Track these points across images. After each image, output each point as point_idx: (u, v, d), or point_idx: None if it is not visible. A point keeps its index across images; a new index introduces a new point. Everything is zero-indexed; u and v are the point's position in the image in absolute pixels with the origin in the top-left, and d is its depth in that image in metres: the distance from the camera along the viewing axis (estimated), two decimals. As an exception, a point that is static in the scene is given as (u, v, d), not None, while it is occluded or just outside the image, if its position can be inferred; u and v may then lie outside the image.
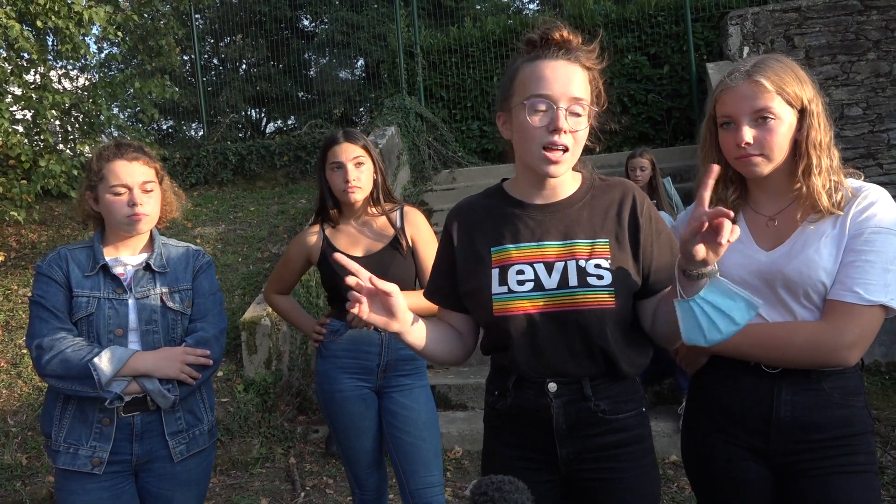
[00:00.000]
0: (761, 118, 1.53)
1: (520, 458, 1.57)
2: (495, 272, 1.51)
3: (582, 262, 1.47)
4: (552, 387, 1.49)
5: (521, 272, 1.49)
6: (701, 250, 1.26)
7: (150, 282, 2.11)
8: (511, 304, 1.48)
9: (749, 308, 1.32)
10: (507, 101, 1.50)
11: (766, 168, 1.56)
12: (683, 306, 1.33)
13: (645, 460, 1.57)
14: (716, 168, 1.32)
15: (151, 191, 2.12)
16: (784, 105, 1.53)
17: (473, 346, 1.68)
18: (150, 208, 2.11)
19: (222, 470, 4.28)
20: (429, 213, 6.59)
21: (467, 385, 4.62)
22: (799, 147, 1.55)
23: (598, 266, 1.47)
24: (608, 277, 1.46)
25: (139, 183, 2.08)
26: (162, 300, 2.10)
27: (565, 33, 1.45)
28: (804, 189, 1.54)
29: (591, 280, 1.45)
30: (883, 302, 1.47)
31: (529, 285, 1.48)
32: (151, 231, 2.18)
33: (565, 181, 1.55)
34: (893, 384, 4.95)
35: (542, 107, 1.41)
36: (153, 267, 2.12)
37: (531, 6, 15.63)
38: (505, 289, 1.49)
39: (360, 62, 15.13)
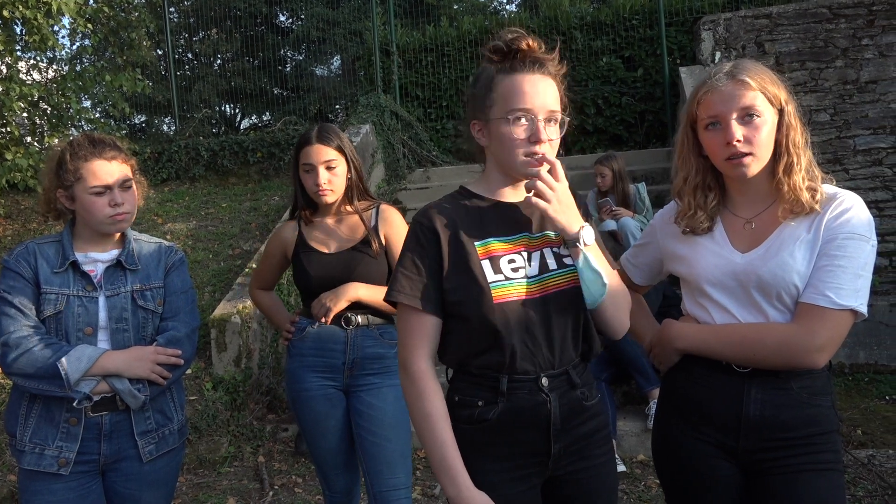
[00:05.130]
0: (748, 115, 1.57)
1: (510, 468, 1.54)
2: (486, 262, 1.53)
3: (556, 248, 1.58)
4: (545, 382, 1.52)
5: (512, 261, 1.55)
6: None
7: (120, 279, 2.08)
8: (508, 290, 1.51)
9: (601, 285, 1.51)
10: (485, 111, 1.56)
11: (755, 168, 1.59)
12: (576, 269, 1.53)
13: (609, 444, 1.66)
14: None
15: (130, 188, 2.10)
16: (766, 104, 1.58)
17: (436, 353, 1.61)
18: (130, 206, 2.08)
19: (190, 469, 4.23)
20: (402, 212, 6.52)
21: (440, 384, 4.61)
22: (779, 146, 1.60)
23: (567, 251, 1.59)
24: None
25: (119, 182, 2.05)
26: (133, 298, 2.07)
27: (530, 42, 1.53)
28: (785, 188, 1.58)
29: (567, 261, 1.57)
30: (853, 306, 1.51)
31: (522, 272, 1.54)
32: None
33: None
34: (856, 385, 5.07)
35: (524, 120, 1.51)
36: (124, 264, 2.09)
37: (509, 7, 15.68)
38: (501, 277, 1.52)
39: (337, 59, 15.06)
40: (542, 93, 1.51)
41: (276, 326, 2.79)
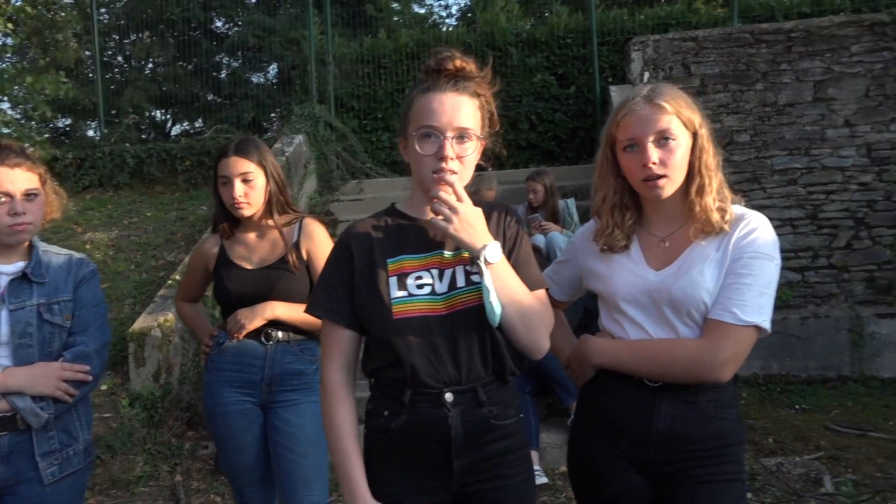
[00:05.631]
0: (663, 139, 1.62)
1: (410, 481, 1.56)
2: (393, 279, 1.57)
3: (468, 267, 1.58)
4: (448, 397, 1.52)
5: (419, 277, 1.57)
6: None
7: (25, 292, 1.99)
8: (410, 306, 1.54)
9: (490, 313, 1.48)
10: (405, 128, 1.61)
11: (670, 190, 1.64)
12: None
13: (526, 465, 1.65)
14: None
15: (35, 198, 2.01)
16: (681, 127, 1.63)
17: (355, 365, 1.66)
18: (33, 217, 2.00)
19: (101, 490, 4.05)
20: (334, 224, 6.51)
21: (362, 398, 4.57)
22: (692, 168, 1.65)
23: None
24: None
25: (21, 191, 1.97)
26: (39, 312, 1.99)
27: (458, 62, 1.57)
28: (697, 208, 1.63)
29: (475, 279, 1.55)
30: (756, 322, 1.57)
31: (427, 289, 1.56)
32: None
33: None
34: (769, 395, 5.28)
35: (431, 137, 1.54)
36: (30, 276, 2.00)
37: (448, 20, 15.81)
38: (405, 293, 1.55)
39: (273, 67, 14.86)
40: (450, 110, 1.53)
41: (198, 339, 2.74)
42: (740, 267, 1.59)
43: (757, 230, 1.62)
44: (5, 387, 1.86)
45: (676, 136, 1.62)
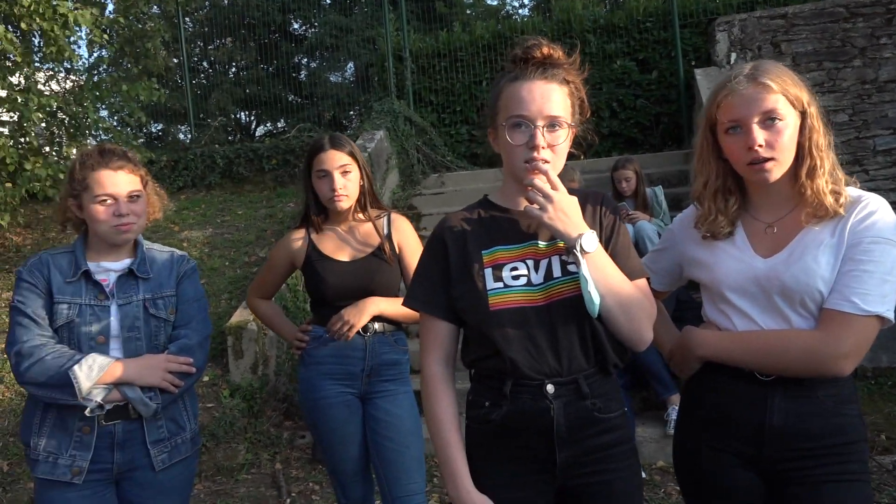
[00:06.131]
0: (769, 119, 1.53)
1: (513, 472, 1.55)
2: (488, 271, 1.55)
3: (564, 256, 1.54)
4: (550, 388, 1.50)
5: (515, 268, 1.55)
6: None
7: (133, 288, 2.08)
8: (507, 297, 1.52)
9: (589, 303, 1.45)
10: (494, 118, 1.60)
11: (778, 173, 1.55)
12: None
13: (632, 460, 1.61)
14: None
15: (138, 199, 2.10)
16: (788, 106, 1.54)
17: (454, 357, 1.67)
18: (136, 217, 2.09)
19: (207, 476, 4.23)
20: (417, 217, 6.56)
21: (462, 390, 4.59)
22: (802, 149, 1.55)
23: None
24: None
25: (125, 192, 2.06)
26: (145, 307, 2.07)
27: (545, 50, 1.55)
28: (808, 192, 1.54)
29: (572, 269, 1.52)
30: (879, 312, 1.46)
31: (523, 280, 1.53)
32: None
33: None
34: (879, 389, 4.97)
35: (522, 126, 1.52)
36: (136, 273, 2.09)
37: (521, 11, 15.67)
38: (500, 284, 1.53)
39: (350, 66, 15.12)
40: (539, 98, 1.51)
41: (281, 335, 2.77)
42: (859, 253, 1.48)
43: (876, 213, 1.51)
44: (116, 378, 1.94)
45: (784, 115, 1.53)
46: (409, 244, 2.52)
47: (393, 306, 2.42)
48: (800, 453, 1.54)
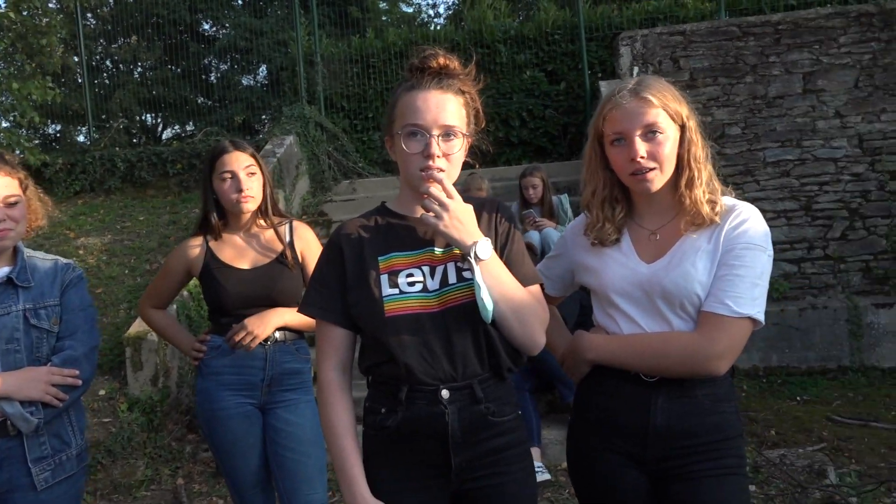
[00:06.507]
0: (650, 132, 1.60)
1: (409, 478, 1.56)
2: (384, 277, 1.56)
3: (459, 263, 1.57)
4: (445, 394, 1.51)
5: (410, 275, 1.57)
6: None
7: (11, 297, 1.97)
8: (402, 303, 1.53)
9: (483, 309, 1.48)
10: (391, 126, 1.62)
11: (659, 183, 1.62)
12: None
13: (526, 462, 1.64)
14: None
15: (15, 203, 1.99)
16: (668, 120, 1.61)
17: (351, 363, 1.66)
18: (14, 223, 1.97)
19: (103, 494, 4.04)
20: (328, 224, 6.49)
21: (359, 399, 4.56)
22: (681, 160, 1.64)
23: None
24: None
25: (1, 197, 1.94)
26: (25, 317, 1.96)
27: (441, 60, 1.57)
28: (687, 201, 1.62)
29: (467, 275, 1.54)
30: (751, 314, 1.55)
31: (419, 286, 1.55)
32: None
33: None
34: (770, 387, 5.27)
35: (417, 135, 1.54)
36: (15, 281, 1.98)
37: (436, 20, 15.78)
38: (396, 290, 1.55)
39: (263, 69, 14.81)
40: (435, 108, 1.53)
41: (177, 346, 2.67)
42: (732, 258, 1.57)
43: (748, 221, 1.60)
44: None
45: (664, 129, 1.61)
46: (312, 252, 2.50)
47: (297, 317, 2.38)
48: (680, 451, 1.60)
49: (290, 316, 2.39)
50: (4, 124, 7.95)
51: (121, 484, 4.11)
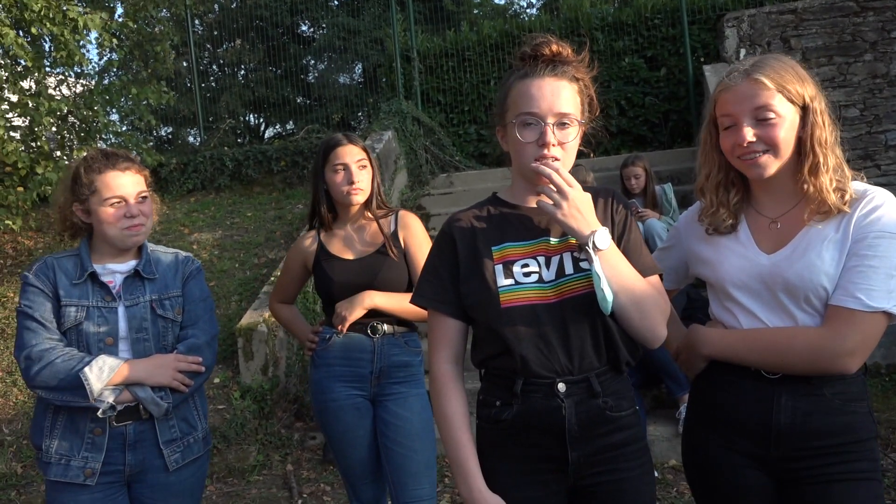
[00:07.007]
0: (762, 116, 1.51)
1: (525, 472, 1.54)
2: (499, 267, 1.54)
3: (576, 253, 1.53)
4: (561, 387, 1.49)
5: (525, 265, 1.54)
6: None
7: (139, 289, 2.09)
8: (518, 294, 1.51)
9: (602, 300, 1.44)
10: (503, 116, 1.59)
11: (771, 167, 1.53)
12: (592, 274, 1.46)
13: (644, 459, 1.59)
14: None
15: (146, 200, 2.11)
16: (785, 102, 1.51)
17: (463, 355, 1.65)
18: (145, 218, 2.10)
19: (219, 478, 4.25)
20: (426, 218, 6.56)
21: (472, 389, 4.59)
22: (804, 145, 1.53)
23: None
24: None
25: (134, 193, 2.07)
26: (152, 307, 2.08)
27: (554, 47, 1.53)
28: (810, 188, 1.51)
29: (584, 265, 1.50)
30: (885, 308, 1.44)
31: (535, 276, 1.52)
32: None
33: None
34: (894, 386, 4.92)
35: (532, 124, 1.51)
36: (142, 274, 2.10)
37: (529, 10, 15.65)
38: (511, 281, 1.52)
39: (359, 67, 15.15)
40: (549, 95, 1.50)
41: (298, 339, 2.78)
42: (864, 248, 1.46)
43: (881, 207, 1.48)
44: (126, 378, 1.95)
45: (779, 112, 1.50)
46: (417, 241, 2.51)
47: (390, 300, 2.40)
48: (808, 452, 1.52)
49: (380, 299, 2.40)
50: (123, 128, 8.46)
51: (235, 468, 4.31)
